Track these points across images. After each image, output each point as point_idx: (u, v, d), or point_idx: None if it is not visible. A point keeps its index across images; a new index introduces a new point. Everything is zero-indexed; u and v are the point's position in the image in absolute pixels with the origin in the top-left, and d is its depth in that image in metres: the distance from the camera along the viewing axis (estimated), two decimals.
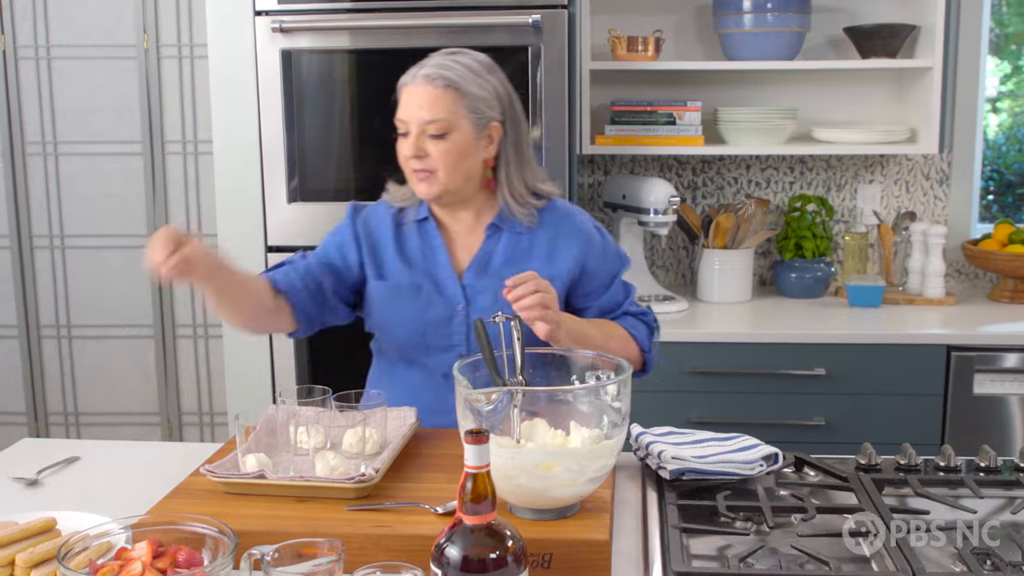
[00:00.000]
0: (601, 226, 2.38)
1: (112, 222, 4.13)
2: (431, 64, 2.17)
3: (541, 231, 2.29)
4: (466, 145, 2.17)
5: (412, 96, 2.16)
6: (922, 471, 1.98)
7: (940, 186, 3.83)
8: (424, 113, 2.14)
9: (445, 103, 2.14)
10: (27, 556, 1.65)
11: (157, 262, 1.96)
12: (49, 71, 4.05)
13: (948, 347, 3.21)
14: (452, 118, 2.14)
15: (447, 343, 2.26)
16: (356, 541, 1.64)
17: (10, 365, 4.27)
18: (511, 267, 2.24)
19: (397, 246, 2.30)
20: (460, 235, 2.31)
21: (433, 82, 2.14)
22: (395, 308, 2.28)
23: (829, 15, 3.73)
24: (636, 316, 2.38)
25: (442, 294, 2.26)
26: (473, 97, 2.16)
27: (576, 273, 2.28)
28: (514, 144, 2.25)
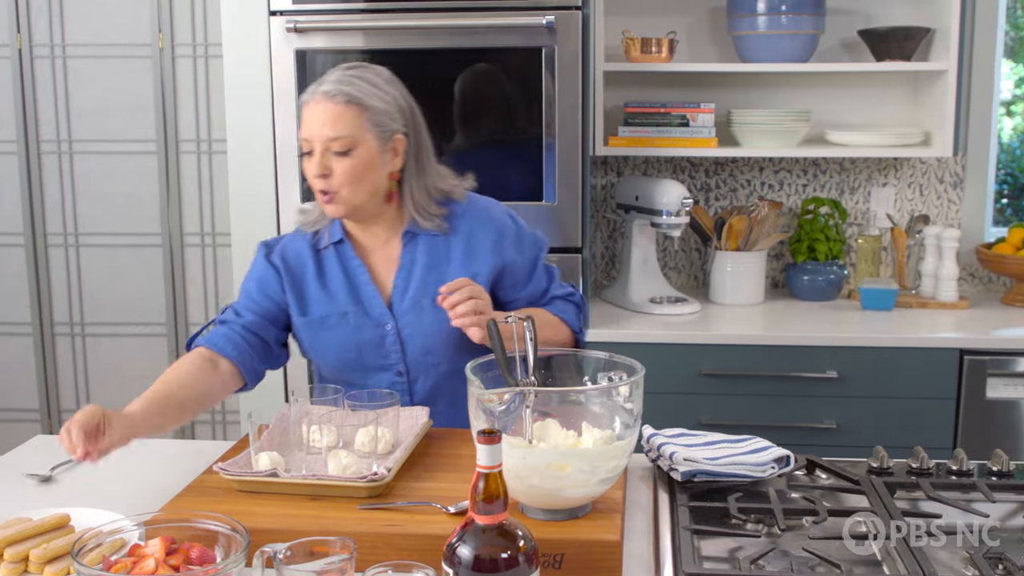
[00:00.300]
0: (514, 214, 2.37)
1: (126, 221, 4.14)
2: (330, 80, 2.14)
3: (457, 231, 2.28)
4: (371, 160, 2.14)
5: (314, 114, 2.13)
6: (934, 475, 1.98)
7: (954, 189, 3.82)
8: (327, 130, 2.11)
9: (348, 119, 2.11)
10: (41, 552, 1.67)
11: (76, 453, 1.85)
12: (64, 70, 4.07)
13: (961, 351, 3.20)
14: (356, 133, 2.12)
15: (384, 362, 2.26)
16: (368, 540, 1.64)
17: (24, 362, 4.28)
18: (433, 272, 2.24)
19: (319, 277, 2.28)
20: (377, 249, 2.29)
21: (334, 98, 2.11)
22: (325, 338, 2.27)
23: (844, 17, 3.73)
24: (563, 298, 2.40)
25: (369, 316, 2.25)
26: (376, 111, 2.14)
27: (498, 266, 2.28)
28: (416, 155, 2.23)
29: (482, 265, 2.26)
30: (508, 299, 2.33)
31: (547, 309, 2.36)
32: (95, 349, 4.25)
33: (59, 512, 1.80)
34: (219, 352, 2.22)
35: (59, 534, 1.74)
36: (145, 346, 4.21)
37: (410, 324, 2.24)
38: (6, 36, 4.05)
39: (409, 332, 2.24)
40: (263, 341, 2.27)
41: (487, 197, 2.38)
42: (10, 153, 4.13)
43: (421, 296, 2.24)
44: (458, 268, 2.25)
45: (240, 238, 3.36)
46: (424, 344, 2.24)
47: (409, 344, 2.25)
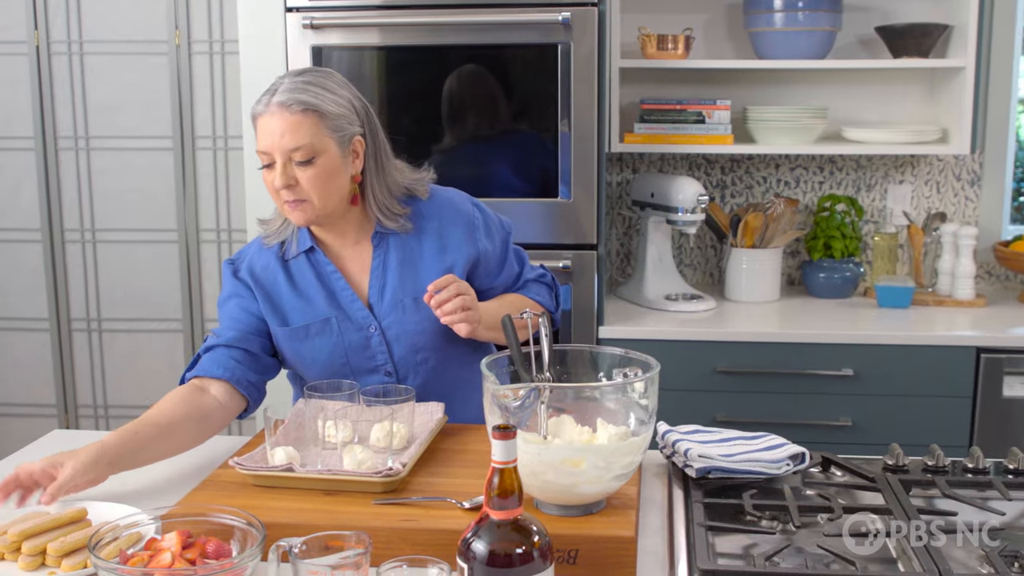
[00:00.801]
0: (478, 202, 2.36)
1: (143, 217, 4.15)
2: (283, 89, 2.09)
3: (426, 225, 2.27)
4: (334, 166, 2.11)
5: (271, 125, 2.08)
6: (950, 472, 1.97)
7: (971, 187, 3.81)
8: (287, 141, 2.06)
9: (307, 127, 2.07)
10: (58, 545, 1.67)
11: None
12: (81, 66, 4.08)
13: (977, 349, 3.19)
14: (316, 141, 2.08)
15: (371, 364, 2.25)
16: (383, 535, 1.64)
17: (41, 358, 4.30)
18: (408, 269, 2.24)
19: (291, 285, 2.25)
20: (348, 251, 2.27)
21: (290, 108, 2.06)
22: (311, 346, 2.23)
23: (861, 14, 3.72)
24: (535, 280, 2.41)
25: (352, 320, 2.23)
26: (333, 116, 2.10)
27: (472, 257, 2.27)
28: (374, 155, 2.21)
29: (456, 257, 2.26)
30: (485, 287, 2.33)
31: (522, 293, 2.38)
32: (111, 345, 4.27)
33: (76, 506, 1.80)
34: (207, 376, 2.17)
35: (76, 528, 1.74)
36: (161, 342, 4.23)
37: (394, 324, 2.23)
38: (24, 32, 4.07)
39: (395, 332, 2.23)
40: (250, 354, 2.22)
41: (450, 188, 2.36)
42: (27, 149, 4.15)
43: (401, 295, 2.22)
44: (432, 263, 2.24)
45: (256, 234, 3.35)
46: (411, 342, 2.23)
47: (396, 344, 2.24)
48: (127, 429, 1.99)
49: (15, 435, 4.17)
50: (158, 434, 2.02)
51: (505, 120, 3.28)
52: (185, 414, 2.08)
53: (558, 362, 1.92)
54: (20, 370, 4.32)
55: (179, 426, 2.06)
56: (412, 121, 3.27)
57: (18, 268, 4.25)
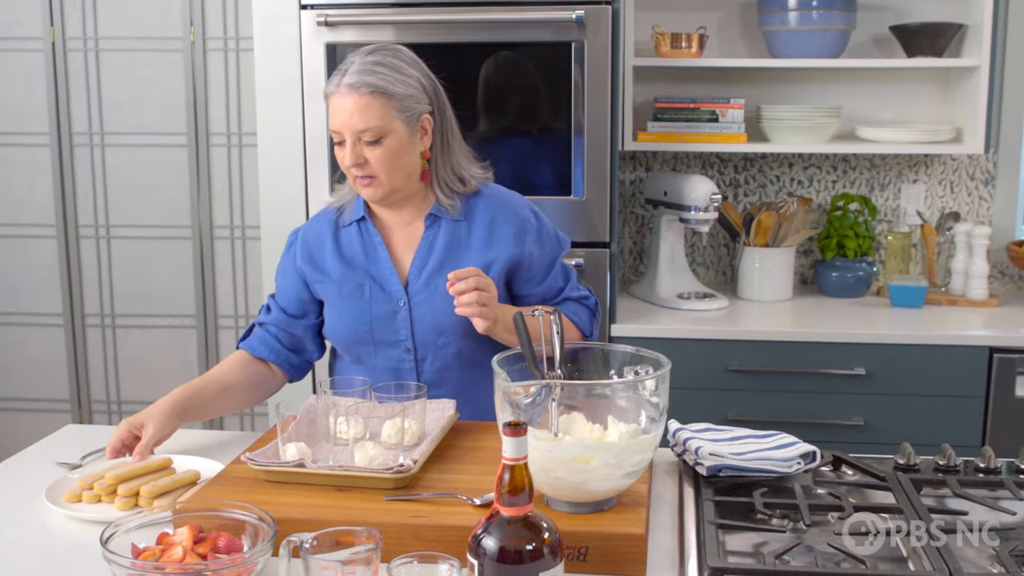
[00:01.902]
0: (537, 210, 2.38)
1: (157, 213, 4.17)
2: (353, 71, 2.15)
3: (479, 217, 2.30)
4: (401, 146, 2.18)
5: (340, 106, 2.16)
6: (961, 472, 1.97)
7: (985, 186, 3.80)
8: (356, 122, 2.14)
9: (375, 109, 2.14)
10: (150, 488, 1.90)
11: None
12: (97, 63, 4.09)
13: (990, 349, 3.18)
14: (384, 123, 2.14)
15: (393, 338, 2.28)
16: (394, 531, 1.65)
17: (55, 353, 4.32)
18: (452, 255, 2.27)
19: (336, 248, 2.33)
20: (399, 228, 2.33)
21: (359, 90, 2.13)
22: (340, 306, 2.30)
23: (875, 13, 3.71)
24: (577, 301, 2.41)
25: (385, 290, 2.28)
26: (401, 97, 2.16)
27: (516, 258, 2.29)
28: (441, 132, 2.27)
29: (499, 253, 2.28)
30: (522, 294, 2.35)
31: (560, 310, 2.36)
32: (125, 341, 4.28)
33: (161, 456, 2.05)
34: (254, 354, 2.36)
35: (164, 473, 1.98)
36: (175, 338, 4.24)
37: (424, 303, 2.26)
38: (39, 29, 4.09)
39: (421, 311, 2.26)
40: (294, 337, 2.37)
41: (513, 191, 2.40)
42: (43, 145, 4.17)
43: (436, 277, 2.26)
44: (476, 253, 2.27)
45: (269, 231, 3.37)
46: (435, 323, 2.26)
47: (420, 322, 2.27)
48: (194, 385, 2.24)
49: (29, 430, 4.18)
50: (220, 393, 2.27)
51: (518, 118, 3.28)
52: (243, 379, 2.32)
53: (569, 359, 1.92)
54: (34, 365, 4.34)
55: (238, 388, 2.30)
56: None
57: (33, 264, 4.27)
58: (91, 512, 1.87)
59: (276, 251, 3.29)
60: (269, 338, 2.36)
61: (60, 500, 1.91)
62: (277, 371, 2.38)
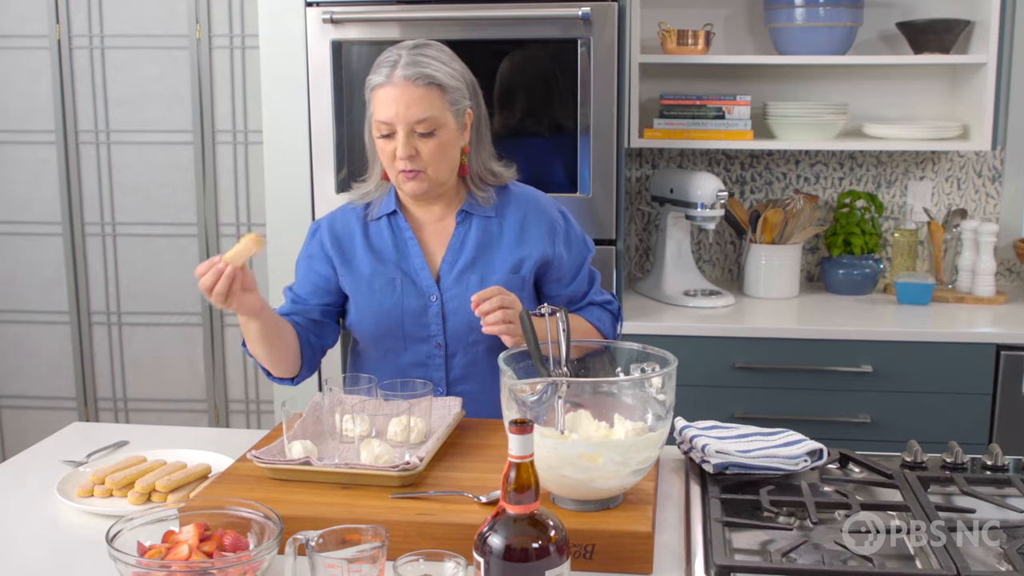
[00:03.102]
0: (565, 211, 2.39)
1: (162, 210, 4.17)
2: (406, 63, 2.15)
3: (510, 214, 2.31)
4: (452, 139, 2.20)
5: (395, 97, 2.14)
6: (968, 470, 1.97)
7: (992, 183, 3.79)
8: (413, 113, 2.13)
9: (431, 100, 2.14)
10: (165, 483, 1.91)
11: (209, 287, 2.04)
12: (103, 60, 4.09)
13: (997, 346, 3.17)
14: (439, 115, 2.15)
15: (424, 333, 2.29)
16: (400, 528, 1.65)
17: (61, 351, 4.32)
18: (484, 251, 2.28)
19: (366, 242, 2.32)
20: (431, 224, 2.33)
21: (415, 81, 2.13)
22: (370, 300, 2.29)
23: (882, 10, 3.70)
24: (601, 306, 2.42)
25: (416, 286, 2.28)
26: (452, 90, 2.18)
27: (547, 257, 2.30)
28: (477, 128, 2.29)
29: (531, 251, 2.29)
30: (551, 294, 2.36)
31: (583, 315, 2.37)
32: (131, 338, 4.28)
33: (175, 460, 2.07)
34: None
35: (175, 468, 1.99)
36: (180, 335, 4.24)
37: (455, 298, 2.26)
38: (45, 27, 4.09)
39: (454, 306, 2.26)
40: (312, 320, 2.34)
41: (535, 188, 2.41)
42: (48, 143, 4.17)
43: (468, 272, 2.26)
44: (508, 250, 2.28)
45: (275, 228, 3.37)
46: (467, 320, 2.24)
47: (452, 318, 2.27)
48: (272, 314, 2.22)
49: (35, 427, 4.20)
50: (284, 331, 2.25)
51: (524, 115, 3.28)
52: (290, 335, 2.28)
53: (575, 357, 1.92)
54: (40, 363, 4.34)
55: (288, 340, 2.26)
56: None
57: (39, 262, 4.27)
58: (103, 506, 1.88)
59: (282, 249, 3.31)
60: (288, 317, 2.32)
61: (72, 495, 1.92)
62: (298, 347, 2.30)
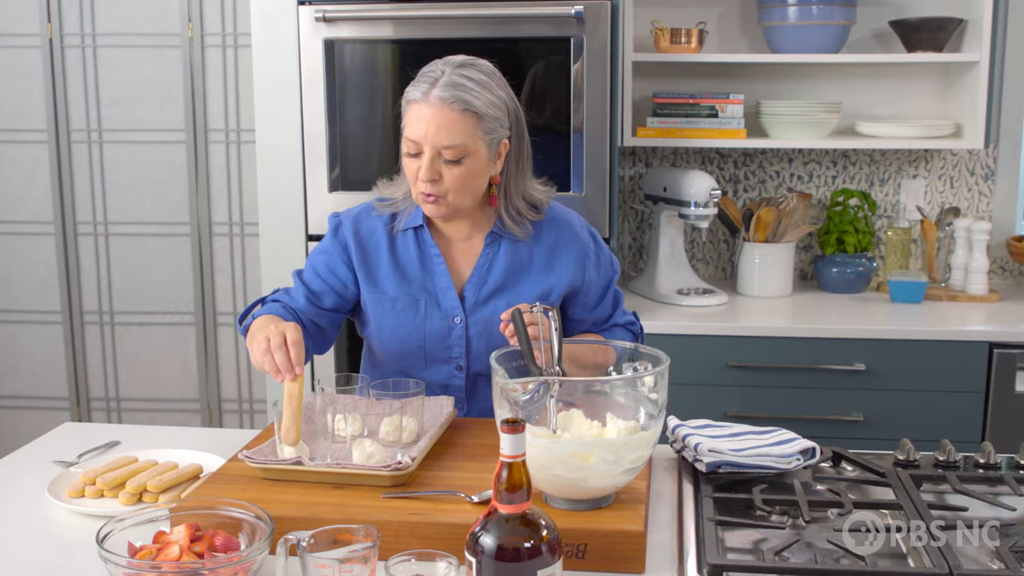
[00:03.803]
0: (595, 232, 2.34)
1: (155, 210, 4.16)
2: (444, 83, 2.05)
3: (541, 240, 2.26)
4: (480, 168, 2.11)
5: (428, 118, 2.05)
6: (961, 468, 1.97)
7: (985, 182, 3.79)
8: (443, 138, 2.04)
9: (463, 127, 2.05)
10: (157, 483, 1.90)
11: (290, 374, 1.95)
12: (95, 59, 4.09)
13: (990, 344, 3.17)
14: (470, 143, 2.06)
15: (446, 355, 2.25)
16: (391, 528, 1.64)
17: (53, 351, 4.32)
18: (512, 278, 2.23)
19: (391, 256, 2.25)
20: (458, 243, 2.27)
21: (451, 105, 2.04)
22: (393, 320, 2.24)
23: (875, 8, 3.70)
24: (624, 327, 2.38)
25: (440, 307, 2.23)
26: (490, 119, 2.08)
27: (575, 284, 2.26)
28: (516, 158, 2.20)
29: (560, 279, 2.24)
30: (576, 318, 2.31)
31: (606, 336, 2.34)
32: (124, 338, 4.28)
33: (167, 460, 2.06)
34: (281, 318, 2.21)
35: (167, 468, 1.99)
36: (173, 335, 4.23)
37: (480, 321, 2.22)
38: (37, 26, 4.08)
39: (478, 329, 2.22)
40: (317, 326, 2.27)
41: (571, 210, 2.35)
42: (40, 142, 4.16)
43: (495, 298, 2.22)
44: (537, 277, 2.23)
45: (268, 228, 3.37)
46: (491, 344, 2.17)
47: (476, 340, 2.23)
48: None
49: (27, 428, 4.19)
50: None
51: None
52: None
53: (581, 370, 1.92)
54: (32, 363, 4.33)
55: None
56: None
57: (31, 261, 4.26)
58: (94, 507, 1.87)
59: (275, 248, 3.30)
60: (295, 316, 2.23)
61: (63, 495, 1.91)
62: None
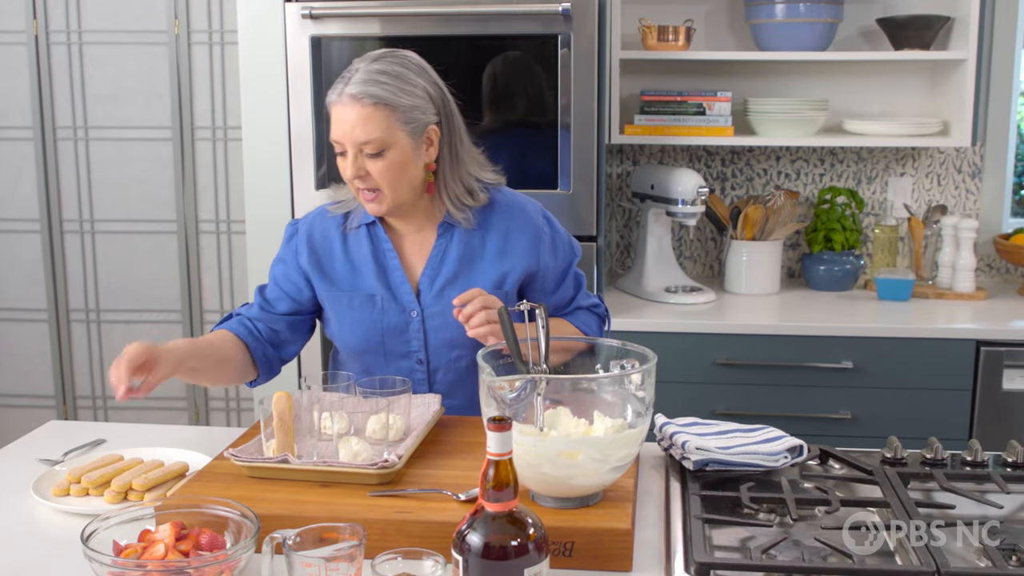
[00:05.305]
0: (551, 216, 2.34)
1: (141, 207, 4.15)
2: (356, 80, 2.08)
3: (493, 226, 2.26)
4: (405, 158, 2.12)
5: (342, 116, 2.09)
6: (948, 465, 1.97)
7: (972, 179, 3.80)
8: (358, 133, 2.07)
9: (377, 120, 2.07)
10: (142, 481, 1.91)
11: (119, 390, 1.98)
12: (81, 56, 4.07)
13: (977, 342, 3.18)
14: (386, 135, 2.08)
15: (405, 349, 2.25)
16: (378, 527, 1.64)
17: (39, 349, 4.30)
18: (465, 267, 2.23)
19: (345, 255, 2.27)
20: (411, 236, 2.28)
21: (361, 101, 2.07)
22: (351, 317, 2.26)
23: (862, 6, 3.71)
24: (588, 309, 2.38)
25: (397, 301, 2.24)
26: (405, 108, 2.09)
27: (531, 269, 2.26)
28: (449, 144, 2.21)
29: (515, 264, 2.24)
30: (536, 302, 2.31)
31: (570, 320, 2.34)
32: (110, 335, 4.26)
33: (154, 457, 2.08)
34: (237, 336, 2.27)
35: (153, 466, 1.99)
36: (160, 333, 4.22)
37: (437, 314, 2.22)
38: (22, 22, 4.06)
39: (436, 323, 2.23)
40: (273, 331, 2.30)
41: (526, 196, 2.35)
42: (26, 139, 4.14)
43: (450, 289, 2.22)
44: (490, 264, 2.23)
45: (255, 225, 3.36)
46: (449, 338, 2.22)
47: (433, 334, 2.24)
48: (198, 346, 2.15)
49: (13, 426, 4.17)
50: (214, 365, 2.19)
51: (505, 111, 3.27)
52: (232, 356, 2.23)
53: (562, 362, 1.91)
54: (18, 361, 4.32)
55: (229, 365, 2.23)
56: None
57: (17, 258, 4.24)
58: (79, 505, 1.86)
59: (261, 245, 3.29)
60: (249, 325, 2.28)
61: (48, 494, 1.90)
62: (250, 361, 2.28)
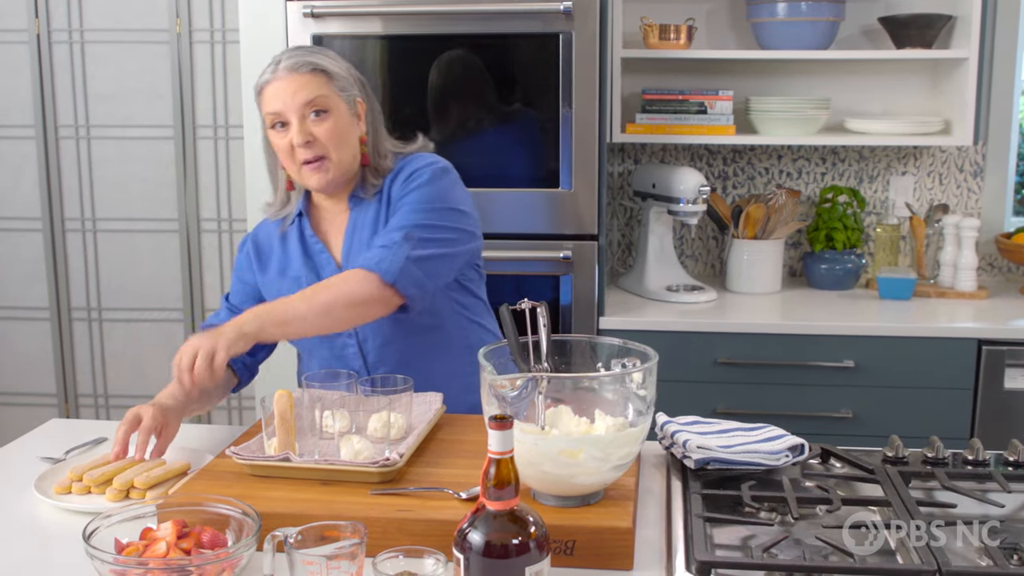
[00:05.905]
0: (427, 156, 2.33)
1: (143, 206, 4.15)
2: (288, 55, 2.21)
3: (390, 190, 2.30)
4: (346, 122, 2.22)
5: (280, 88, 2.18)
6: (950, 464, 1.96)
7: (974, 178, 3.80)
8: (302, 96, 2.16)
9: (317, 84, 2.18)
10: (144, 479, 1.90)
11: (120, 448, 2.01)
12: (82, 55, 4.07)
13: (979, 341, 3.18)
14: (330, 97, 2.19)
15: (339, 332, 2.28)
16: (379, 525, 1.64)
17: (41, 347, 4.30)
18: (375, 232, 2.26)
19: (282, 249, 2.36)
20: (336, 216, 2.34)
21: (299, 70, 2.18)
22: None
23: (864, 5, 3.70)
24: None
25: (320, 278, 2.27)
26: (339, 76, 2.22)
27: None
28: (372, 120, 2.31)
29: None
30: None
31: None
32: (111, 334, 4.26)
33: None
34: None
35: (155, 465, 1.98)
36: (161, 331, 4.22)
37: None
38: (24, 21, 4.06)
39: None
40: None
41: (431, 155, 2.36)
42: (28, 138, 4.15)
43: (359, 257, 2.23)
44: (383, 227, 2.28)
45: (256, 224, 3.35)
46: None
47: None
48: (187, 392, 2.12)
49: (15, 424, 4.17)
50: (204, 397, 2.19)
51: (506, 110, 3.27)
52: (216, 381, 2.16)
53: (556, 352, 1.91)
54: (20, 359, 4.32)
55: (215, 390, 2.25)
56: (413, 110, 3.25)
57: (18, 257, 4.24)
58: (81, 503, 1.87)
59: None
60: None
61: (49, 492, 1.90)
62: (231, 373, 2.32)
